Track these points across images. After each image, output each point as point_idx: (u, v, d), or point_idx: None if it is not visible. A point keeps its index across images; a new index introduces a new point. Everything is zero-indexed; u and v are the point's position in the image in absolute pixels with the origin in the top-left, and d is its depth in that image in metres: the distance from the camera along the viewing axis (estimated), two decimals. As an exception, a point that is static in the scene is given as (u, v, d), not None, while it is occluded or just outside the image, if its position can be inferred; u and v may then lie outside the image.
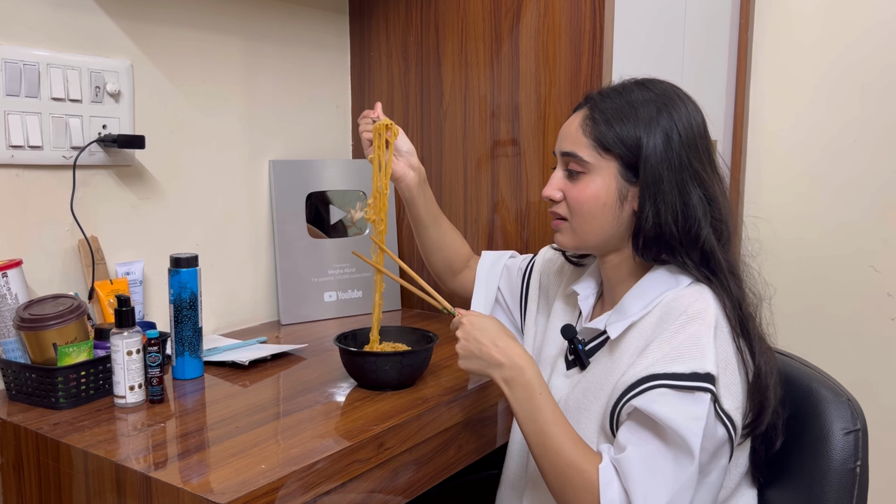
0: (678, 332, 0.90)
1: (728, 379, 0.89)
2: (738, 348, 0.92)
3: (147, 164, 1.39)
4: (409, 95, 1.72)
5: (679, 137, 0.96)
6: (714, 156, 1.00)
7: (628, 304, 0.99)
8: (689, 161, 0.95)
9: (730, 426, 0.88)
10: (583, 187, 1.00)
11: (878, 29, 1.93)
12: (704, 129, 0.99)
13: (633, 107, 0.98)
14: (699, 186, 0.95)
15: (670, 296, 0.95)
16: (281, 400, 1.14)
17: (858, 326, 2.02)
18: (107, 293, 1.27)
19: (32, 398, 1.08)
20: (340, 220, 1.72)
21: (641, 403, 0.87)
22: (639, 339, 0.96)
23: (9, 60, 1.17)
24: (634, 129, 0.96)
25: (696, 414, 0.85)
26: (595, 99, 1.02)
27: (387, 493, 1.03)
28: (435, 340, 1.21)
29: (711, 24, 1.94)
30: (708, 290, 0.94)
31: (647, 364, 0.90)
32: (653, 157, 0.95)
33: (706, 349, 0.88)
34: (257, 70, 1.58)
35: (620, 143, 0.97)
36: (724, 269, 0.95)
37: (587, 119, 1.01)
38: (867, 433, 0.97)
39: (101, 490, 0.92)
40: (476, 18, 1.58)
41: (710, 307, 0.91)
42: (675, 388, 0.86)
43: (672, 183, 0.95)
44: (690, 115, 0.98)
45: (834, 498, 0.94)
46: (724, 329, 0.91)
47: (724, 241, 0.97)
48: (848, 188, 2.01)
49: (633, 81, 1.02)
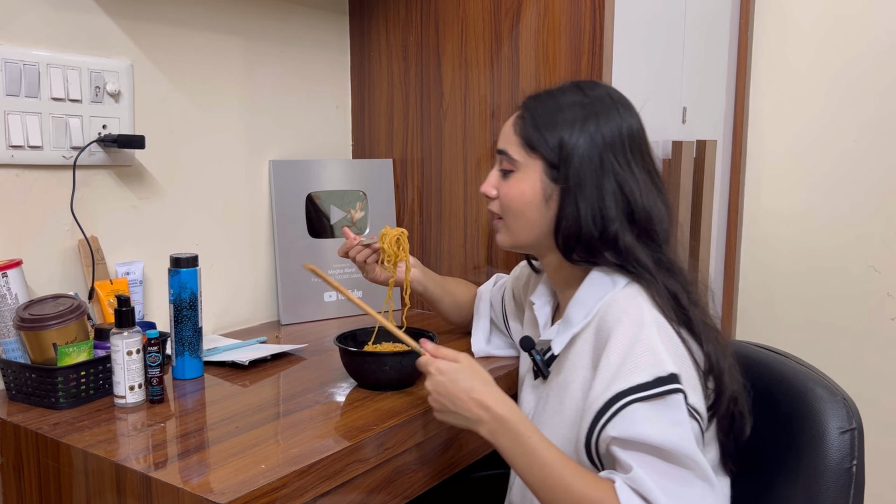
0: (625, 344, 0.90)
1: (686, 373, 0.90)
2: (684, 340, 0.92)
3: (147, 164, 1.39)
4: (409, 95, 1.72)
5: (603, 140, 0.97)
6: (648, 159, 1.01)
7: (572, 313, 1.00)
8: (612, 163, 0.97)
9: (699, 419, 0.89)
10: (512, 185, 1.03)
11: (877, 28, 1.93)
12: (636, 133, 1.00)
13: (561, 109, 1.00)
14: (621, 188, 0.96)
15: (607, 299, 0.96)
16: (281, 400, 1.14)
17: (858, 326, 2.02)
18: (107, 293, 1.27)
19: (32, 398, 1.08)
20: (335, 220, 1.72)
21: (620, 431, 0.86)
22: (586, 345, 0.97)
23: (9, 60, 1.17)
24: (559, 130, 0.99)
25: (676, 419, 0.86)
26: (529, 100, 1.05)
27: (387, 493, 1.03)
28: (435, 341, 1.21)
29: (711, 24, 1.94)
30: (640, 290, 0.95)
31: (605, 383, 0.89)
32: (574, 157, 0.97)
33: (659, 351, 0.88)
34: (257, 70, 1.58)
35: (545, 142, 0.99)
36: (650, 267, 0.95)
37: (518, 118, 1.04)
38: (863, 432, 0.97)
39: (101, 490, 0.92)
40: (476, 18, 1.58)
41: (643, 309, 0.92)
42: (646, 398, 0.86)
43: (592, 184, 0.96)
44: (621, 119, 0.99)
45: (831, 497, 0.94)
46: (665, 326, 0.92)
47: (658, 240, 0.98)
48: (848, 188, 2.01)
49: (571, 84, 1.05)
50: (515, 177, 1.03)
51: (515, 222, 1.04)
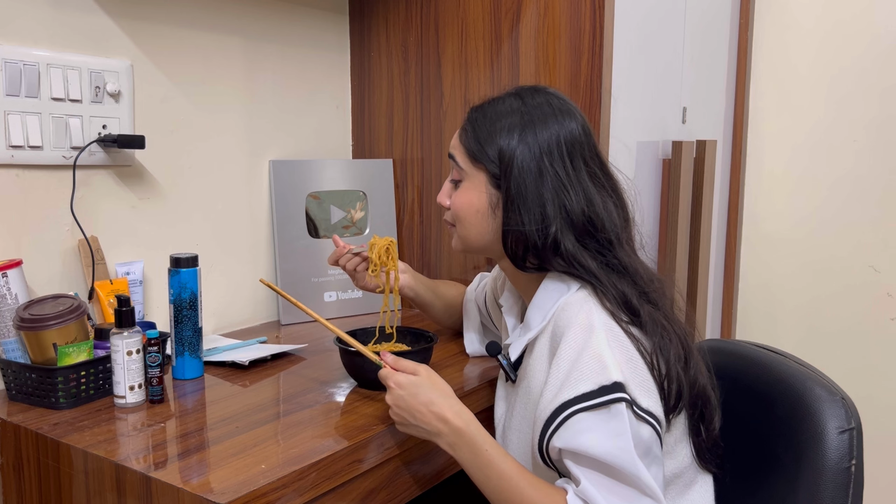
0: (574, 349, 0.91)
1: (640, 377, 0.90)
2: (636, 340, 0.92)
3: (147, 164, 1.39)
4: (409, 95, 1.72)
5: (540, 148, 0.98)
6: (593, 163, 1.01)
7: (530, 317, 1.01)
8: (550, 171, 0.97)
9: (653, 422, 0.89)
10: (461, 194, 1.05)
11: (877, 29, 1.93)
12: (576, 139, 1.00)
13: (499, 118, 1.02)
14: (559, 196, 0.97)
15: (561, 302, 0.97)
16: (281, 400, 1.15)
17: (858, 326, 2.02)
18: (107, 293, 1.27)
19: (32, 398, 1.08)
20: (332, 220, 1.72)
21: (564, 442, 0.88)
22: (544, 349, 0.97)
23: (9, 60, 1.17)
24: (498, 140, 1.00)
25: (618, 430, 0.86)
26: (472, 111, 1.07)
27: (387, 493, 1.03)
28: (435, 340, 1.22)
29: (711, 24, 1.94)
30: (590, 294, 0.95)
31: (554, 392, 0.90)
32: (514, 167, 0.98)
33: (605, 359, 0.88)
34: (257, 70, 1.58)
35: (485, 154, 1.01)
36: (595, 271, 0.96)
37: (462, 129, 1.06)
38: (862, 432, 0.97)
39: (101, 490, 0.93)
40: (476, 18, 1.58)
41: (593, 313, 0.92)
42: (589, 408, 0.87)
43: (532, 192, 0.97)
44: (559, 126, 0.99)
45: (829, 497, 0.94)
46: (614, 330, 0.92)
47: (606, 243, 0.98)
48: (848, 188, 2.01)
49: (512, 92, 1.06)
50: (464, 186, 1.05)
51: (465, 230, 1.06)
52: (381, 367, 1.02)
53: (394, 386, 0.98)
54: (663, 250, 1.77)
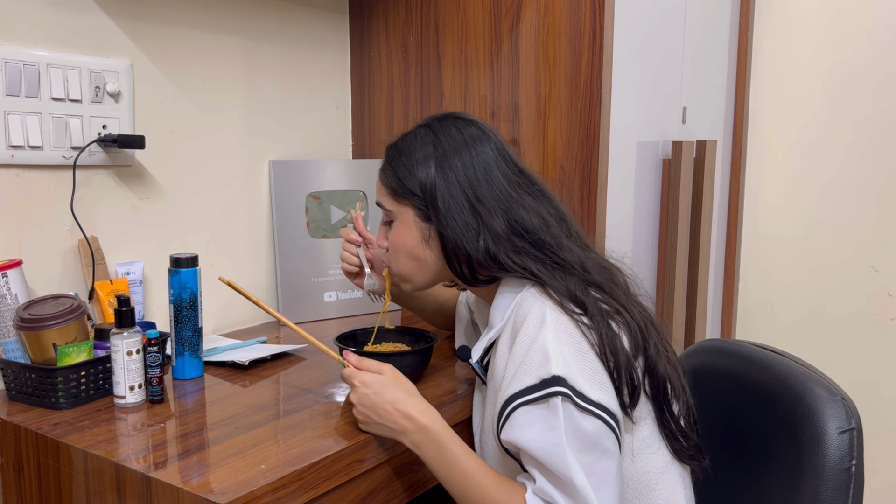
0: (525, 344, 0.92)
1: (590, 369, 0.90)
2: (586, 332, 0.92)
3: (147, 164, 1.39)
4: (409, 95, 1.72)
5: (456, 176, 1.02)
6: (513, 175, 1.04)
7: (493, 319, 1.03)
8: (471, 193, 1.01)
9: (602, 414, 0.88)
10: (394, 234, 1.08)
11: (877, 29, 1.93)
12: (491, 158, 1.03)
13: (413, 151, 1.05)
14: (484, 212, 1.00)
15: (517, 300, 0.98)
16: (281, 400, 1.15)
17: (858, 326, 2.02)
18: (107, 293, 1.27)
19: (32, 398, 1.08)
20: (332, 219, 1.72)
21: (507, 435, 0.90)
22: (505, 347, 0.98)
23: (9, 60, 1.17)
24: (416, 172, 1.03)
25: (553, 424, 0.87)
26: (389, 149, 1.09)
27: (387, 493, 1.03)
28: (435, 340, 1.21)
29: (711, 23, 1.94)
30: (539, 291, 0.96)
31: (505, 387, 0.93)
32: (437, 197, 1.02)
33: (549, 352, 0.89)
34: (257, 70, 1.58)
35: (407, 189, 1.04)
36: (539, 272, 0.97)
37: (382, 170, 1.09)
38: (862, 432, 0.97)
39: (101, 490, 0.93)
40: (476, 18, 1.58)
41: (545, 307, 0.94)
42: (529, 402, 0.89)
43: (459, 217, 1.01)
44: (472, 151, 1.03)
45: (830, 497, 0.94)
46: (562, 322, 0.92)
47: (544, 246, 0.99)
48: (848, 188, 2.01)
49: (422, 125, 1.09)
50: (395, 226, 1.08)
51: (405, 269, 1.08)
52: (344, 366, 1.02)
53: (358, 385, 0.98)
54: (663, 250, 1.77)
